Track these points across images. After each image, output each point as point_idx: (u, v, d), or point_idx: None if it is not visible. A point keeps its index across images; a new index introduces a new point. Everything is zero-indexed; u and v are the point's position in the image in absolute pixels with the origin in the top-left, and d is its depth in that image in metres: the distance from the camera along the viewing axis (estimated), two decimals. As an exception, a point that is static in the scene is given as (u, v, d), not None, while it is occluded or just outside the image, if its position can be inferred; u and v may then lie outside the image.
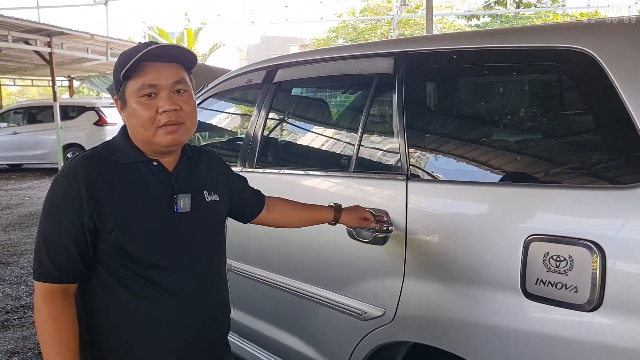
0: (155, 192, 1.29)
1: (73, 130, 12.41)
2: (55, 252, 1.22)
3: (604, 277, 1.26)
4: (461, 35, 1.84)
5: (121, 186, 1.25)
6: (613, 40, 1.41)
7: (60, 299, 1.22)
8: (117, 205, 1.23)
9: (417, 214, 1.69)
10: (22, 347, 3.42)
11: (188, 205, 1.32)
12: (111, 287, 1.27)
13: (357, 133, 1.99)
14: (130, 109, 1.25)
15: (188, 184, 1.35)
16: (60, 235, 1.22)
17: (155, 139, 1.25)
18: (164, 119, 1.24)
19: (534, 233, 1.38)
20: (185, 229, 1.32)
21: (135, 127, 1.26)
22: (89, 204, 1.20)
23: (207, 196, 1.39)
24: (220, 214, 1.47)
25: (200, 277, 1.35)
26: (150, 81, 1.23)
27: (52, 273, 1.22)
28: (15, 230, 6.78)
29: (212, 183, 1.44)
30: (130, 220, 1.24)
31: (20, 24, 10.41)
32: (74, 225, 1.21)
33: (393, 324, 1.73)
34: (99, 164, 1.26)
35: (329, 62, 2.24)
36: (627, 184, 1.28)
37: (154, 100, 1.24)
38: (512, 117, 1.70)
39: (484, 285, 1.50)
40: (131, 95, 1.24)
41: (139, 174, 1.29)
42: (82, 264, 1.25)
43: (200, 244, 1.36)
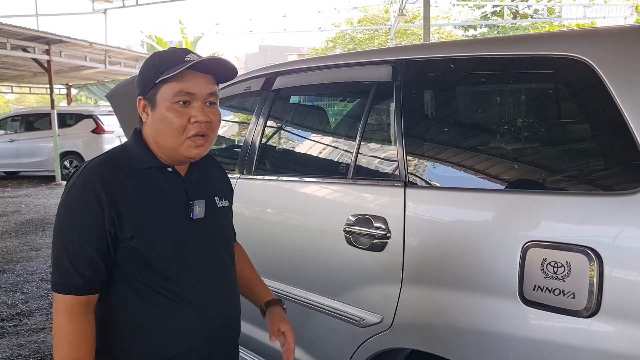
0: (171, 199, 1.28)
1: (70, 138, 12.40)
2: (79, 259, 1.19)
3: (601, 284, 1.26)
4: (458, 43, 1.85)
5: (138, 192, 1.24)
6: (609, 48, 1.43)
7: (83, 313, 1.19)
8: (136, 211, 1.21)
9: (415, 220, 1.69)
10: (18, 354, 3.40)
11: (203, 212, 1.31)
12: (127, 295, 1.25)
13: (355, 140, 2.00)
14: (160, 113, 1.23)
15: (201, 189, 1.35)
16: (83, 241, 1.19)
17: (181, 150, 1.25)
18: (194, 129, 1.23)
19: (532, 239, 1.39)
20: (201, 235, 1.31)
21: (161, 133, 1.24)
22: (109, 209, 1.18)
23: (218, 202, 1.39)
24: (230, 220, 1.47)
25: (215, 283, 1.34)
26: (189, 89, 1.22)
27: (75, 283, 1.18)
28: (12, 237, 6.76)
29: (221, 189, 1.45)
30: (149, 227, 1.23)
31: (18, 31, 10.43)
32: (96, 231, 1.18)
33: (391, 330, 1.72)
34: (115, 170, 1.24)
35: (328, 69, 2.25)
36: (624, 190, 1.29)
37: (187, 108, 1.23)
38: (509, 124, 1.71)
39: (482, 291, 1.50)
40: (164, 99, 1.22)
41: (154, 180, 1.27)
42: (105, 272, 1.22)
43: (215, 250, 1.36)
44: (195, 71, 1.24)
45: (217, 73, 1.29)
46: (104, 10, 15.94)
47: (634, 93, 1.33)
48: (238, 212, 2.40)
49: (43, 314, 4.10)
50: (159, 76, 1.21)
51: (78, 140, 12.45)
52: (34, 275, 5.10)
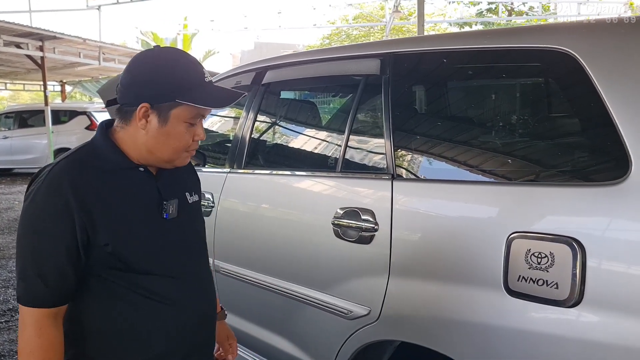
0: (143, 200, 1.25)
1: (64, 134, 12.33)
2: (47, 270, 1.13)
3: (584, 274, 1.27)
4: (446, 36, 1.86)
5: (110, 195, 1.19)
6: (594, 41, 1.44)
7: (52, 326, 1.14)
8: (109, 216, 1.17)
9: (402, 213, 1.70)
10: (9, 350, 3.39)
11: (176, 211, 1.30)
12: (102, 299, 1.21)
13: (344, 133, 2.00)
14: (172, 130, 1.20)
15: (172, 188, 1.33)
16: (51, 251, 1.12)
17: (177, 162, 1.27)
18: (194, 145, 1.27)
19: (516, 230, 1.40)
20: (175, 234, 1.30)
21: (163, 146, 1.22)
22: (81, 216, 1.12)
23: (189, 198, 1.38)
24: (201, 214, 1.47)
25: (192, 280, 1.33)
26: (204, 113, 1.25)
27: (44, 295, 1.13)
28: (4, 234, 6.74)
29: (191, 184, 1.44)
30: (123, 231, 1.19)
31: (11, 27, 10.36)
32: (66, 239, 1.12)
33: (378, 322, 1.73)
34: (83, 172, 1.17)
35: (317, 63, 2.25)
36: (607, 181, 1.30)
37: (192, 127, 1.24)
38: (495, 116, 1.72)
39: (468, 283, 1.51)
40: (179, 119, 1.20)
41: (126, 181, 1.23)
42: (75, 280, 1.17)
43: (190, 248, 1.35)
44: None
45: None
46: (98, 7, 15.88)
47: (618, 85, 1.33)
48: (228, 206, 2.41)
49: (35, 310, 4.09)
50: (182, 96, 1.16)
51: (72, 137, 12.37)
52: (27, 272, 5.08)
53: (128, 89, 1.20)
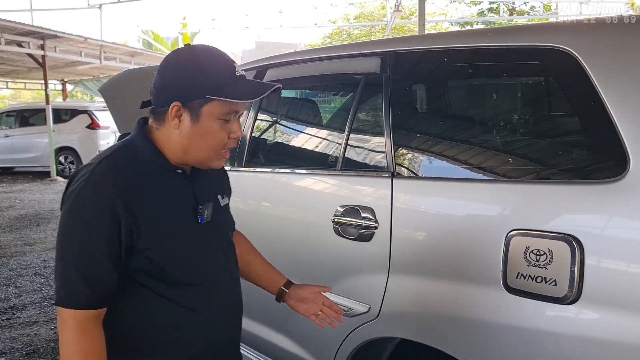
0: (180, 203, 1.23)
1: (66, 133, 12.36)
2: (91, 273, 1.11)
3: (583, 271, 1.28)
4: (446, 35, 1.86)
5: (151, 197, 1.17)
6: (592, 39, 1.44)
7: (94, 328, 1.13)
8: (152, 219, 1.15)
9: (402, 210, 1.71)
10: (10, 347, 3.40)
11: (210, 215, 1.27)
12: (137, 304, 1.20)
13: (344, 132, 2.01)
14: (206, 127, 1.17)
15: (206, 190, 1.30)
16: (96, 255, 1.11)
17: (211, 163, 1.23)
18: (231, 143, 1.22)
19: (515, 228, 1.40)
20: (209, 239, 1.28)
21: (198, 144, 1.19)
22: (126, 218, 1.10)
23: (221, 200, 1.35)
24: (232, 217, 1.44)
25: (223, 287, 1.31)
26: (238, 109, 1.19)
27: (87, 297, 1.11)
28: (6, 232, 6.75)
29: (222, 187, 1.40)
30: (164, 235, 1.17)
31: (13, 26, 10.38)
32: (111, 241, 1.10)
33: (378, 320, 1.74)
34: (128, 174, 1.15)
35: (318, 62, 2.26)
36: (605, 179, 1.30)
37: (227, 124, 1.19)
38: (494, 115, 1.72)
39: (467, 280, 1.52)
40: (211, 115, 1.16)
41: (165, 183, 1.21)
42: (116, 284, 1.15)
43: (222, 253, 1.33)
44: None
45: None
46: (99, 6, 15.86)
47: (617, 83, 1.34)
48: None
49: (36, 308, 4.10)
50: (213, 92, 1.14)
51: (73, 136, 12.41)
52: (28, 270, 5.10)
53: (160, 90, 1.19)
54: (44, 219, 7.60)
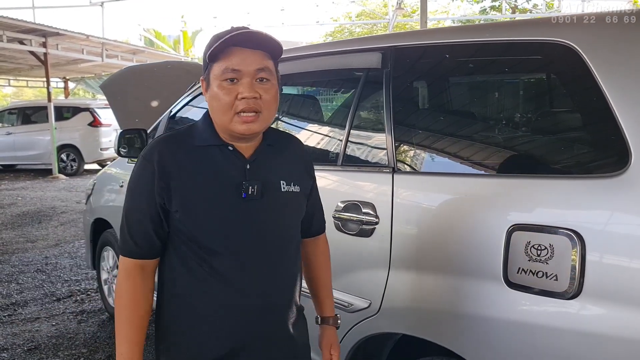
0: (225, 177, 1.27)
1: (67, 131, 12.38)
2: (134, 227, 1.28)
3: (584, 266, 1.28)
4: (447, 30, 1.86)
5: (192, 168, 1.26)
6: (594, 34, 1.43)
7: (138, 275, 1.28)
8: (185, 186, 1.25)
9: (402, 206, 1.70)
10: (12, 343, 3.41)
11: (258, 193, 1.28)
12: (175, 265, 1.30)
13: (345, 127, 2.00)
14: (212, 91, 1.25)
15: (263, 171, 1.31)
16: (138, 212, 1.27)
17: (231, 126, 1.24)
18: (241, 105, 1.22)
19: (516, 223, 1.40)
20: (251, 216, 1.28)
21: (213, 110, 1.27)
22: (160, 183, 1.24)
23: (283, 186, 1.34)
24: (297, 206, 1.40)
25: (260, 266, 1.30)
26: (234, 66, 1.21)
27: (131, 248, 1.28)
28: (7, 229, 6.76)
29: (294, 174, 1.38)
30: (195, 203, 1.25)
31: (15, 24, 10.39)
32: (148, 202, 1.25)
33: (378, 315, 1.74)
34: (173, 145, 1.28)
35: (319, 57, 2.25)
36: (607, 173, 1.30)
37: (235, 85, 1.22)
38: (496, 109, 1.72)
39: (468, 275, 1.51)
40: (215, 78, 1.24)
41: (213, 158, 1.28)
42: (158, 241, 1.29)
43: (266, 233, 1.31)
44: (246, 47, 1.23)
45: (269, 48, 1.26)
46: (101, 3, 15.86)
47: (618, 78, 1.33)
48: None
49: (37, 304, 4.11)
50: (208, 56, 1.24)
51: (75, 134, 12.43)
52: (29, 266, 5.11)
53: None
54: (46, 216, 7.61)
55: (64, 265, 5.17)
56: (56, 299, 4.24)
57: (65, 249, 5.79)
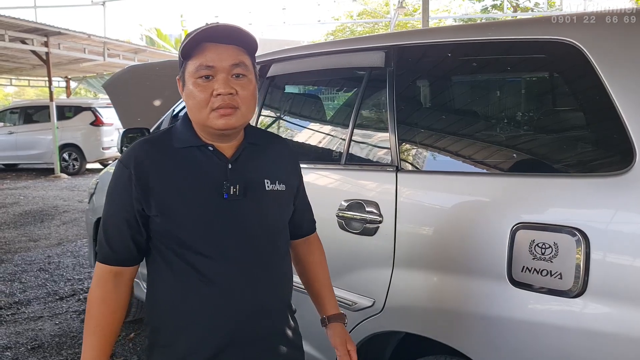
0: (206, 178, 1.25)
1: (69, 130, 12.39)
2: (111, 233, 1.26)
3: (588, 264, 1.28)
4: (450, 28, 1.85)
5: (171, 171, 1.24)
6: (599, 33, 1.43)
7: (110, 282, 1.26)
8: (165, 189, 1.22)
9: (406, 204, 1.70)
10: (15, 342, 3.42)
11: (240, 193, 1.25)
12: (161, 269, 1.28)
13: (348, 126, 2.00)
14: (187, 89, 1.23)
15: (246, 170, 1.29)
16: (115, 218, 1.25)
17: (209, 122, 1.22)
18: (217, 102, 1.20)
19: (521, 221, 1.40)
20: (236, 217, 1.26)
21: (191, 109, 1.24)
22: (137, 188, 1.21)
23: (268, 185, 1.31)
24: (282, 204, 1.37)
25: (246, 268, 1.27)
26: (208, 62, 1.19)
27: (107, 254, 1.26)
28: (10, 228, 6.78)
29: (279, 172, 1.36)
30: (176, 205, 1.22)
31: (17, 23, 10.40)
32: (126, 208, 1.23)
33: (382, 314, 1.74)
34: (151, 148, 1.26)
35: (322, 56, 2.25)
36: (611, 172, 1.30)
37: (210, 82, 1.20)
38: (499, 108, 1.71)
39: (472, 274, 1.51)
40: (189, 76, 1.22)
41: (193, 159, 1.26)
42: (136, 248, 1.27)
43: (252, 233, 1.28)
44: (219, 43, 1.20)
45: (243, 42, 1.23)
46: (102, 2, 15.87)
47: (623, 76, 1.33)
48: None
49: (40, 303, 4.12)
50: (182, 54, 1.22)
51: (77, 133, 12.45)
52: (32, 265, 5.12)
53: None
54: (48, 215, 7.63)
55: (67, 264, 5.18)
56: (59, 297, 4.25)
57: (68, 248, 5.80)
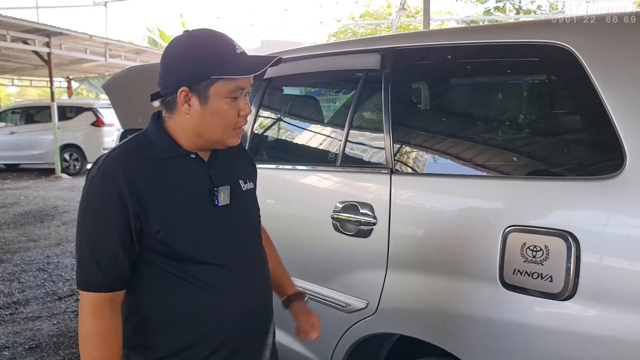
0: (195, 186, 1.26)
1: (70, 130, 12.41)
2: (102, 256, 1.16)
3: (578, 267, 1.28)
4: (445, 31, 1.87)
5: (162, 183, 1.21)
6: (591, 36, 1.44)
7: (108, 310, 1.18)
8: (161, 203, 1.19)
9: (400, 206, 1.71)
10: (13, 342, 3.43)
11: (228, 198, 1.29)
12: (155, 284, 1.23)
13: (344, 128, 2.01)
14: (215, 108, 1.20)
15: (224, 174, 1.32)
16: (107, 238, 1.16)
17: (227, 141, 1.25)
18: (242, 121, 1.25)
19: (512, 224, 1.41)
20: (227, 221, 1.29)
21: (211, 125, 1.22)
22: (133, 203, 1.15)
23: (243, 185, 1.36)
24: (255, 202, 1.44)
25: (243, 270, 1.31)
26: (243, 85, 1.21)
27: (99, 281, 1.16)
28: (10, 228, 6.79)
29: (245, 171, 1.41)
30: (174, 218, 1.20)
31: (19, 23, 10.43)
32: (120, 227, 1.16)
33: (375, 316, 1.74)
34: (136, 160, 1.20)
35: (319, 58, 2.26)
36: (602, 175, 1.30)
37: (235, 102, 1.22)
38: (492, 112, 1.72)
39: (465, 276, 1.52)
40: (219, 95, 1.19)
41: (178, 169, 1.24)
42: (129, 268, 1.20)
43: (242, 236, 1.33)
44: None
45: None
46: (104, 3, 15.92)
47: (614, 80, 1.34)
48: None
49: (39, 303, 4.13)
50: (216, 72, 1.16)
51: (78, 133, 12.46)
52: (31, 265, 5.13)
53: (166, 79, 1.22)
54: (48, 215, 7.64)
55: (66, 264, 5.19)
56: (58, 297, 4.26)
57: (67, 248, 5.80)
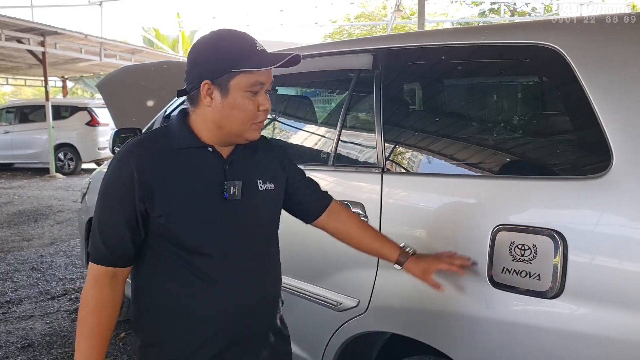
0: (206, 179, 1.29)
1: (65, 130, 12.38)
2: (108, 233, 1.25)
3: (566, 265, 1.29)
4: (437, 32, 1.88)
5: (172, 171, 1.26)
6: (578, 37, 1.45)
7: (107, 283, 1.25)
8: (167, 190, 1.24)
9: (391, 206, 1.72)
10: (5, 341, 3.42)
11: (238, 193, 1.31)
12: (157, 271, 1.29)
13: (336, 128, 2.02)
14: (234, 101, 1.24)
15: (241, 171, 1.34)
16: (114, 217, 1.24)
17: (246, 134, 1.28)
18: (261, 116, 1.28)
19: (501, 223, 1.42)
20: (234, 216, 1.31)
21: (231, 118, 1.25)
22: (141, 187, 1.21)
23: (260, 185, 1.38)
24: (274, 204, 1.44)
25: (245, 266, 1.33)
26: (262, 80, 1.25)
27: (103, 255, 1.25)
28: (3, 228, 6.77)
29: (268, 172, 1.42)
30: (179, 205, 1.25)
31: (13, 22, 10.39)
32: (127, 208, 1.23)
33: (366, 314, 1.75)
34: (151, 148, 1.27)
35: (311, 58, 2.27)
36: (589, 175, 1.32)
37: (255, 97, 1.25)
38: (481, 111, 1.73)
39: (454, 275, 1.52)
40: (239, 88, 1.23)
41: (193, 160, 1.29)
42: (133, 248, 1.27)
43: (248, 232, 1.35)
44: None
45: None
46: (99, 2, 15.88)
47: (601, 80, 1.35)
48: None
49: (32, 302, 4.12)
50: (237, 65, 1.21)
51: (72, 133, 12.44)
52: (25, 265, 5.12)
53: (191, 74, 1.27)
54: (42, 215, 7.62)
55: (59, 263, 5.18)
56: (51, 297, 4.25)
57: (61, 247, 5.79)
